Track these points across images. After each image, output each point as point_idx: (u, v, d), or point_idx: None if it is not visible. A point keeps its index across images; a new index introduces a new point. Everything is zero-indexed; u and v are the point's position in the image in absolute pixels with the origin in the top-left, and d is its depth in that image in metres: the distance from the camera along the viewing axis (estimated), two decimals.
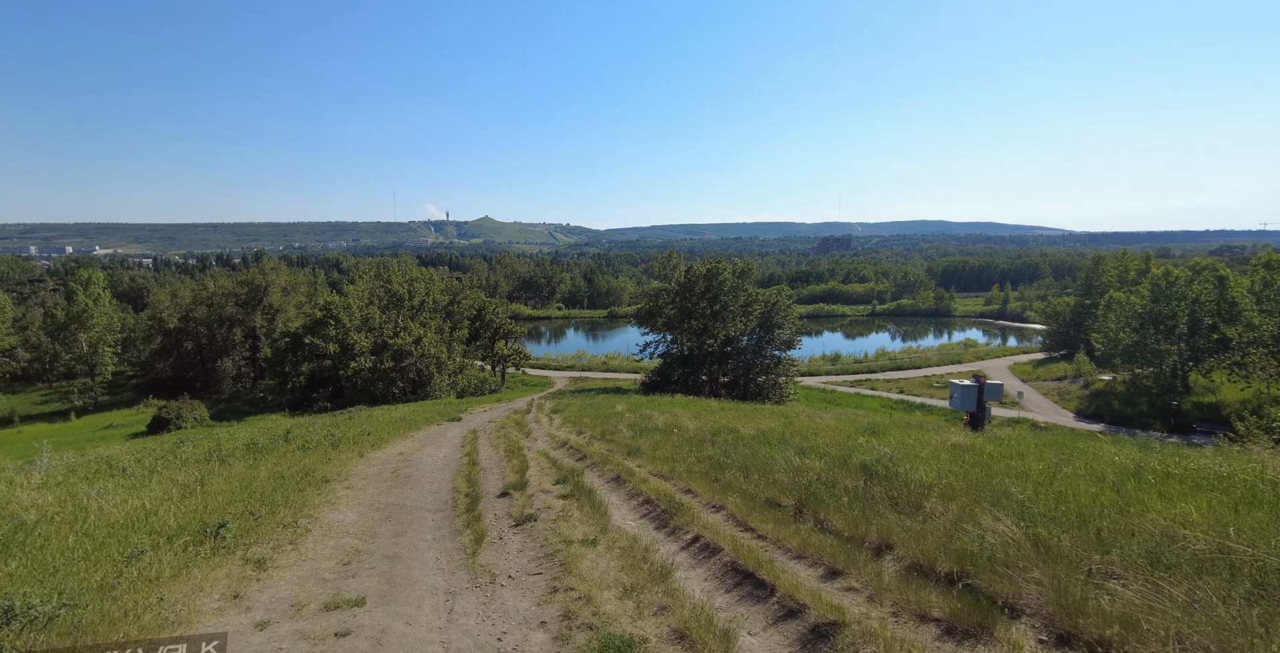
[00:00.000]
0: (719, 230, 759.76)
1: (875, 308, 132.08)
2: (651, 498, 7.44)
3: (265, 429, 15.78)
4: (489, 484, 9.28)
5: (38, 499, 6.91)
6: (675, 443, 11.93)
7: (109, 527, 5.68)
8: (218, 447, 11.67)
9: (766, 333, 44.82)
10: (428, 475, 10.30)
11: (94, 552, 5.06)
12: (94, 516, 6.04)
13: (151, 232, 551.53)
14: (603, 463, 10.40)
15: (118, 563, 4.93)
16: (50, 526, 5.72)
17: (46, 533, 5.40)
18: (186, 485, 7.77)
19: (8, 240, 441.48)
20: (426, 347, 44.95)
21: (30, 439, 47.64)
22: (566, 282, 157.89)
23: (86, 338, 59.93)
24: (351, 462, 11.62)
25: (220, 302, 64.88)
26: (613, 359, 71.70)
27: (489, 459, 11.72)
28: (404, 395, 43.62)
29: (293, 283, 71.05)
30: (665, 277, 50.77)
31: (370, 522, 7.01)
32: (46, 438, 47.10)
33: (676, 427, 14.68)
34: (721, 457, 9.50)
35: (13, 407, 56.54)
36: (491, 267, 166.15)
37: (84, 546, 5.16)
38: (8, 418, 53.77)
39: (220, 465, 10.26)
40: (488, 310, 59.53)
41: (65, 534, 5.39)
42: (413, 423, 21.04)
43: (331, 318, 50.33)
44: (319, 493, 8.46)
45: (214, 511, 6.60)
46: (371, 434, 15.73)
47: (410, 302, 51.67)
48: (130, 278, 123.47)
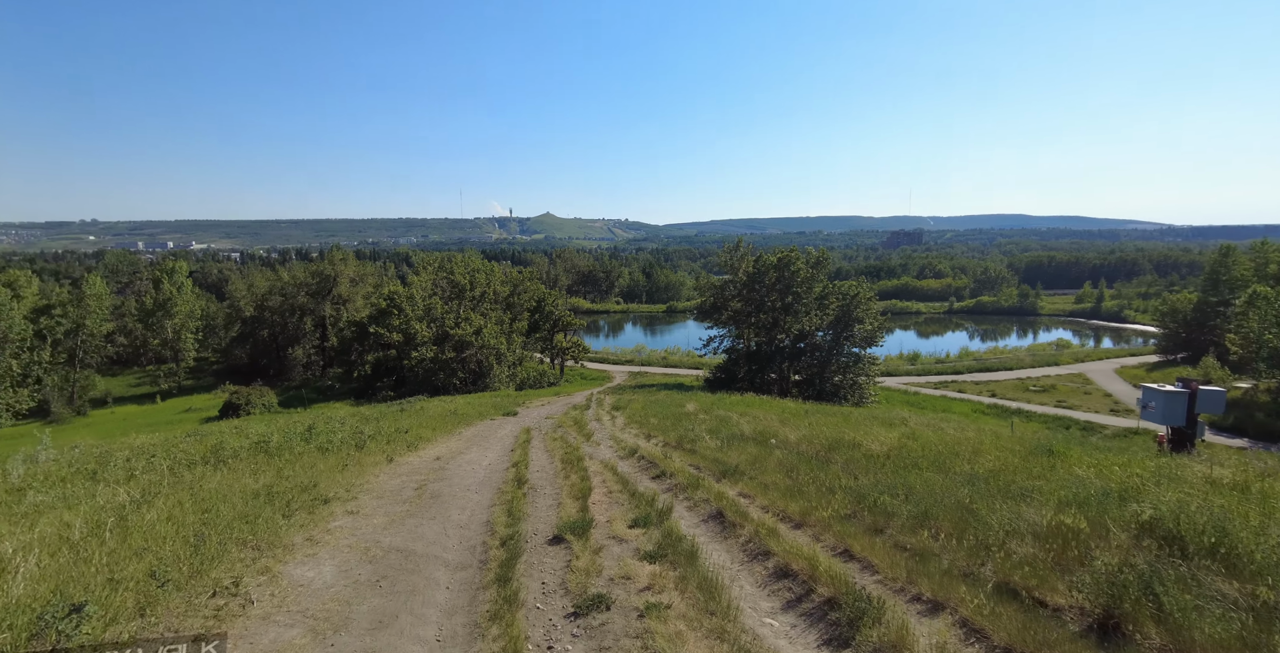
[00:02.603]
0: (780, 225, 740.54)
1: (952, 305, 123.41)
2: (795, 570, 4.68)
3: (287, 424, 13.98)
4: (538, 517, 6.73)
5: None
6: (782, 461, 9.09)
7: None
8: (221, 445, 9.74)
9: (844, 328, 40.88)
10: (460, 495, 7.87)
11: None
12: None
13: (240, 228, 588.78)
14: (691, 488, 7.69)
15: None
16: None
17: None
18: (120, 508, 5.61)
19: (120, 236, 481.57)
20: (487, 338, 43.63)
21: (121, 420, 49.75)
22: (625, 276, 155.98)
23: (171, 324, 62.52)
24: (374, 469, 9.40)
25: (292, 291, 66.23)
26: (672, 354, 68.94)
27: (541, 472, 9.22)
28: (464, 386, 42.45)
29: (360, 274, 71.94)
30: (731, 268, 47.50)
31: (349, 589, 4.59)
32: (134, 419, 49.03)
33: (773, 436, 11.80)
34: (872, 491, 6.61)
35: (109, 389, 59.29)
36: (552, 261, 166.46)
37: None
38: (103, 399, 56.43)
39: (211, 470, 8.22)
40: (547, 302, 58.07)
41: None
42: (464, 417, 19.02)
43: (395, 308, 50.02)
44: (305, 523, 6.16)
45: (119, 560, 4.34)
46: (410, 432, 13.63)
47: (471, 292, 50.74)
48: (218, 270, 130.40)
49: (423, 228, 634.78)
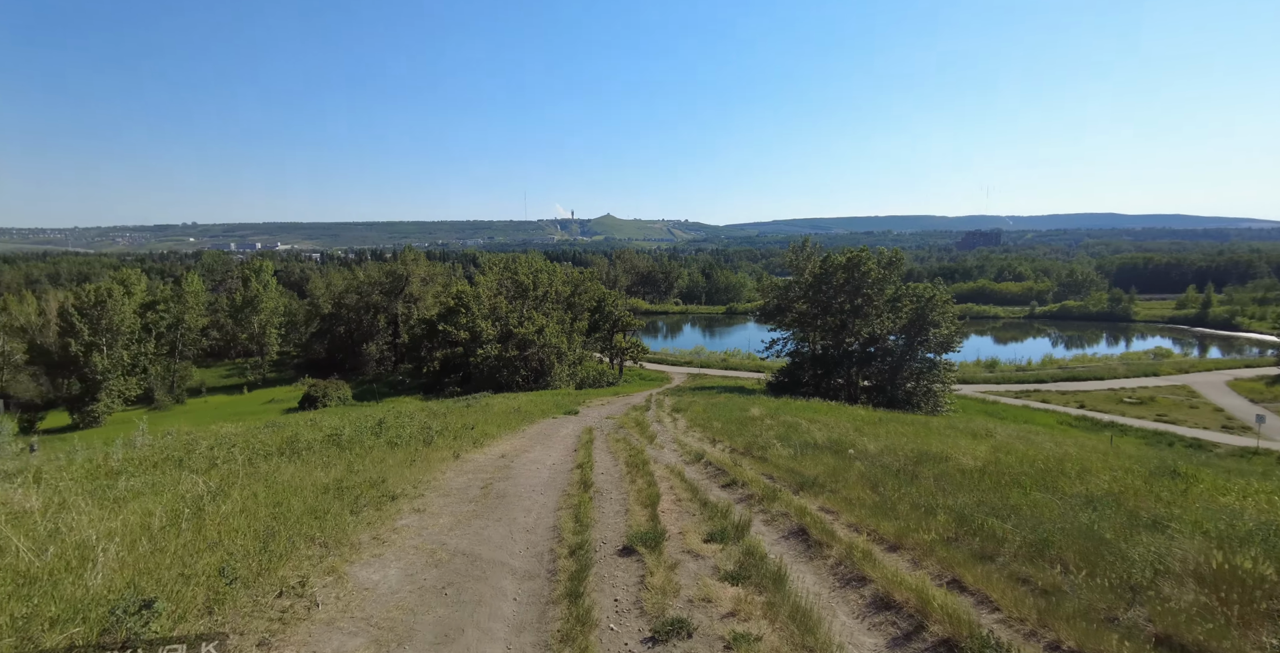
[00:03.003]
0: (846, 224, 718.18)
1: (1034, 310, 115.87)
2: (898, 601, 4.13)
3: (359, 418, 14.32)
4: (606, 524, 6.40)
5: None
6: (864, 473, 8.44)
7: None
8: (296, 437, 9.98)
9: (918, 333, 38.83)
10: (525, 496, 7.66)
11: None
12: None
13: (320, 230, 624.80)
14: (766, 500, 7.18)
15: None
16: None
17: None
18: (198, 498, 5.66)
19: (215, 238, 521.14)
20: (548, 336, 44.18)
21: (213, 408, 53.44)
22: (684, 277, 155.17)
23: (257, 320, 66.75)
24: (441, 466, 9.37)
25: (367, 290, 69.36)
26: (732, 357, 67.80)
27: (606, 476, 8.92)
28: (526, 384, 43.14)
29: (431, 273, 74.61)
30: (796, 268, 46.16)
31: (414, 595, 4.39)
32: (223, 408, 52.57)
33: (851, 446, 11.08)
34: (975, 512, 5.93)
35: (203, 379, 63.86)
36: (611, 262, 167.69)
37: None
38: (198, 389, 60.84)
39: (285, 462, 8.36)
40: (607, 302, 58.33)
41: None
42: (527, 415, 19.10)
43: (462, 306, 51.51)
44: (373, 520, 6.06)
45: (193, 553, 4.30)
46: (477, 428, 13.68)
47: (534, 292, 51.61)
48: (300, 270, 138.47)
49: (489, 230, 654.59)
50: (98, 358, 46.90)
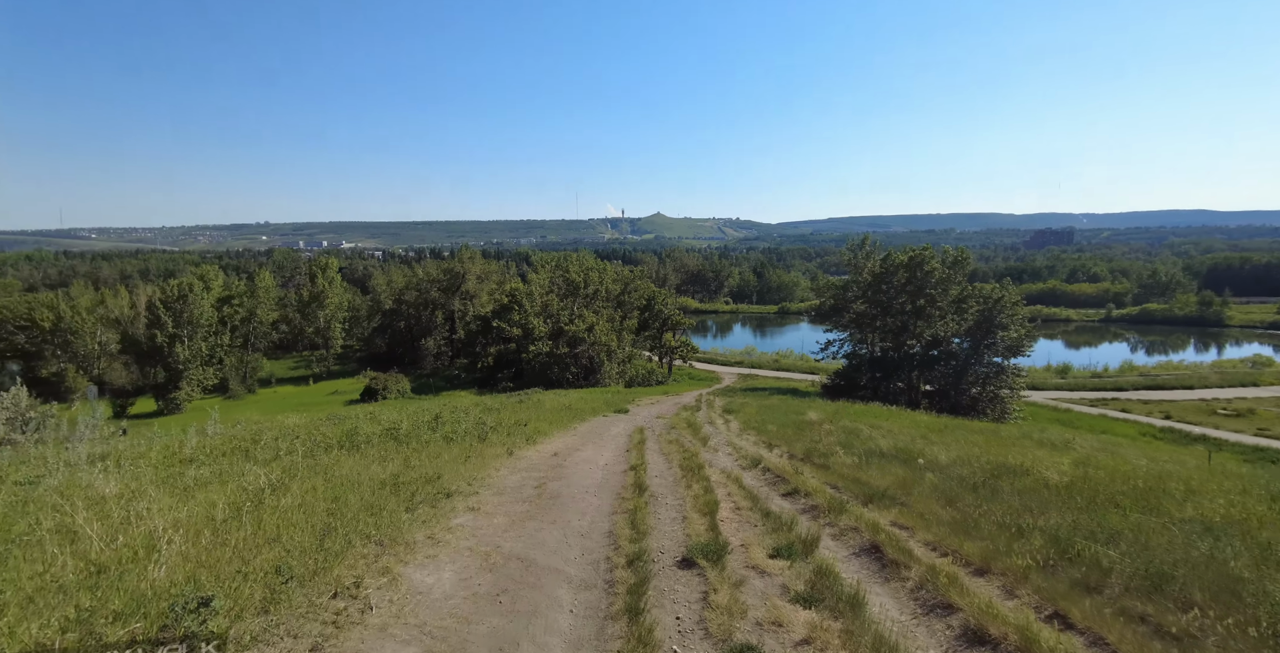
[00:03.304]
0: (906, 222, 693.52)
1: (1110, 313, 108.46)
2: (995, 636, 3.69)
3: (416, 411, 14.59)
4: (663, 531, 6.13)
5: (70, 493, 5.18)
6: (937, 486, 7.88)
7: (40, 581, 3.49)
8: (355, 430, 10.17)
9: (985, 335, 36.88)
10: (579, 498, 7.48)
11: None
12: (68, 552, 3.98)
13: (382, 229, 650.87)
14: (833, 512, 6.75)
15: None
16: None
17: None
18: (259, 490, 5.72)
19: (285, 236, 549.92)
20: (598, 334, 44.37)
21: (281, 399, 56.18)
22: (735, 276, 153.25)
23: (323, 315, 69.92)
24: (495, 462, 9.33)
25: (426, 287, 71.51)
26: (785, 357, 66.34)
27: (661, 479, 8.66)
28: (576, 381, 43.47)
29: (486, 271, 76.31)
30: (855, 267, 44.68)
31: (468, 602, 4.23)
32: (290, 399, 55.22)
33: (919, 455, 10.44)
34: (1070, 535, 5.36)
35: (273, 371, 67.26)
36: (661, 260, 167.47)
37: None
38: (268, 380, 64.13)
39: (345, 455, 8.49)
40: (656, 300, 58.15)
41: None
42: (578, 413, 19.10)
43: (515, 303, 52.37)
44: (428, 518, 6.00)
45: (252, 548, 4.28)
46: (530, 425, 13.70)
47: (585, 290, 51.99)
48: (364, 267, 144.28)
49: (541, 229, 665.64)
50: (180, 348, 50.06)
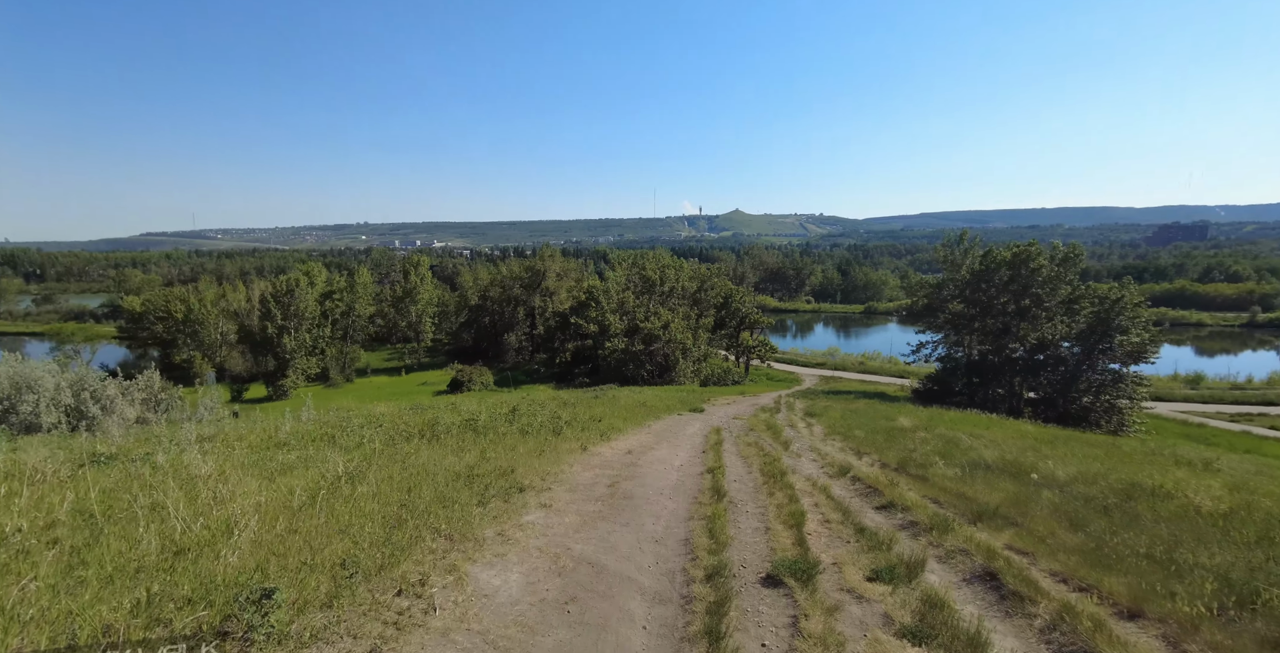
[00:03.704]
0: (1006, 217, 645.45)
1: (1255, 317, 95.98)
2: None
3: (495, 403, 14.74)
4: (745, 543, 5.64)
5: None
6: (1058, 507, 6.91)
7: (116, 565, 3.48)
8: (436, 420, 10.31)
9: (1100, 339, 33.36)
10: (653, 500, 7.11)
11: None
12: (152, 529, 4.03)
13: (470, 229, 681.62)
14: (937, 531, 6.01)
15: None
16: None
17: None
18: (337, 478, 5.74)
19: (382, 236, 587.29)
20: (674, 332, 43.99)
21: (375, 388, 59.71)
22: (817, 274, 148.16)
23: (415, 309, 73.76)
24: (569, 458, 9.14)
25: (509, 284, 73.87)
26: (871, 360, 63.26)
27: (740, 484, 8.15)
28: (651, 378, 43.33)
29: (565, 269, 77.95)
30: (951, 264, 41.78)
31: (535, 609, 3.95)
32: (384, 389, 58.59)
33: (1032, 470, 9.34)
34: (1246, 576, 4.41)
35: (368, 362, 71.69)
36: (739, 258, 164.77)
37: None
38: (364, 370, 68.41)
39: (425, 445, 8.56)
40: (734, 298, 57.04)
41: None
42: (652, 410, 18.80)
43: (593, 300, 53.00)
44: (499, 513, 5.82)
45: (323, 538, 4.20)
46: (604, 421, 13.51)
47: (661, 288, 51.76)
48: (453, 265, 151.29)
49: (619, 227, 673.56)
50: (287, 339, 54.24)
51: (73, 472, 5.54)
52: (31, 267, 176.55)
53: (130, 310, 65.10)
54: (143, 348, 64.01)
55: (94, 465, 6.09)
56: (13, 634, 2.69)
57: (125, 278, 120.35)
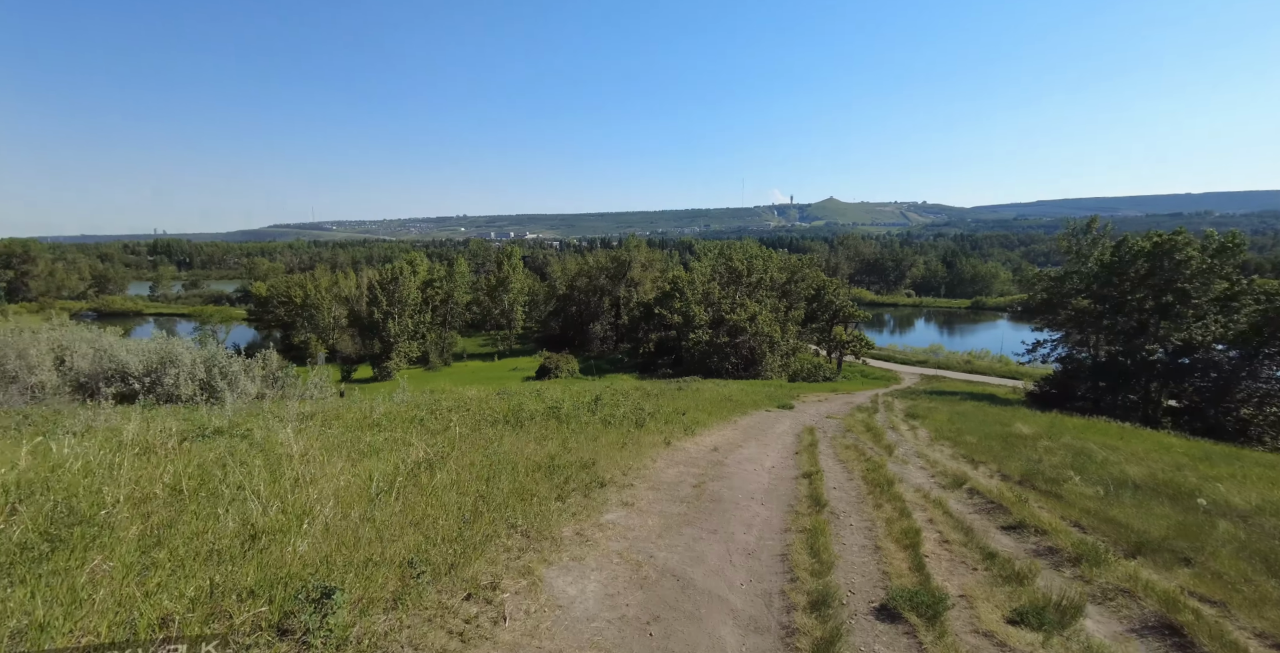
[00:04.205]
0: (1139, 204, 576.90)
1: None
2: None
3: (579, 392, 14.59)
4: (852, 563, 4.95)
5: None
6: (1244, 542, 5.66)
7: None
8: (520, 407, 10.20)
9: (1267, 343, 28.73)
10: (743, 504, 6.52)
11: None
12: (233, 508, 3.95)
13: (560, 220, 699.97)
14: (1087, 564, 5.03)
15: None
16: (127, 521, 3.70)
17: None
18: (417, 464, 5.58)
19: (479, 228, 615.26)
20: (761, 325, 42.62)
21: (470, 372, 62.52)
22: (919, 265, 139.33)
23: (507, 298, 76.53)
24: (652, 452, 8.72)
25: (595, 274, 74.90)
26: (978, 358, 58.57)
27: (841, 492, 7.37)
28: (736, 372, 42.30)
29: (650, 260, 78.02)
30: (1078, 255, 37.64)
31: (612, 627, 3.52)
32: (478, 373, 61.23)
33: (1198, 493, 7.88)
34: None
35: (465, 347, 75.23)
36: (833, 248, 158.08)
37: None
38: (460, 354, 71.83)
39: (508, 431, 8.41)
40: (826, 290, 54.52)
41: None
42: (738, 405, 18.06)
43: (677, 291, 52.53)
44: (578, 511, 5.47)
45: (393, 531, 3.98)
46: (688, 414, 12.99)
47: (748, 278, 50.35)
48: (543, 256, 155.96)
49: (705, 218, 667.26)
50: (391, 324, 57.74)
51: (178, 444, 5.73)
52: (182, 255, 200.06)
53: (257, 295, 71.95)
54: (268, 329, 70.54)
55: (201, 439, 6.32)
56: (74, 620, 2.57)
57: (254, 266, 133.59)
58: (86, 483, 4.15)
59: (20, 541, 3.16)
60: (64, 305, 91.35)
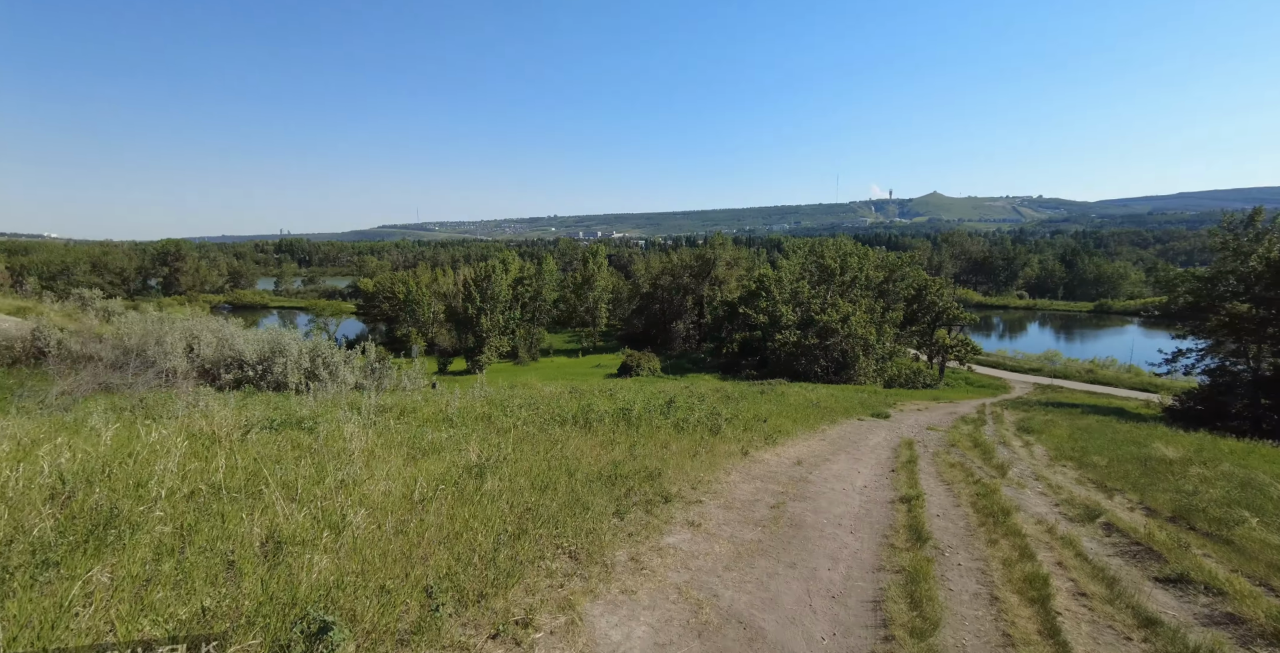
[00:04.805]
0: None
1: None
2: None
3: (654, 393, 14.01)
4: (963, 619, 4.05)
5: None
6: None
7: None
8: (590, 407, 9.76)
9: None
10: (829, 533, 5.68)
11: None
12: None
13: (645, 219, 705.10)
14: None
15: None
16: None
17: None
18: (468, 468, 5.21)
19: (568, 227, 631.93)
20: (854, 326, 40.27)
21: (556, 367, 63.90)
22: (1033, 264, 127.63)
23: (592, 296, 77.67)
24: (726, 462, 8.00)
25: (679, 272, 74.34)
26: (1102, 368, 52.54)
27: (946, 521, 6.34)
28: (825, 375, 40.26)
29: (735, 258, 76.49)
30: (1235, 252, 32.55)
31: None
32: (563, 369, 62.45)
33: None
34: None
35: (551, 343, 77.11)
36: (936, 246, 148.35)
37: None
38: (547, 350, 73.68)
39: (575, 433, 7.99)
40: (929, 291, 50.77)
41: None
42: (827, 412, 16.83)
43: (763, 290, 50.85)
44: (636, 530, 4.89)
45: (421, 549, 3.58)
46: (770, 421, 12.09)
47: (841, 277, 47.86)
48: (628, 254, 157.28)
49: (795, 214, 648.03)
50: (484, 320, 60.02)
51: (242, 436, 5.71)
52: (303, 253, 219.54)
53: (365, 291, 77.20)
54: (374, 322, 75.54)
55: (269, 430, 6.33)
56: (50, 639, 2.31)
57: (364, 263, 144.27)
58: (136, 474, 4.06)
59: (40, 538, 3.01)
60: (205, 298, 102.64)
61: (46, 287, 54.54)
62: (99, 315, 29.29)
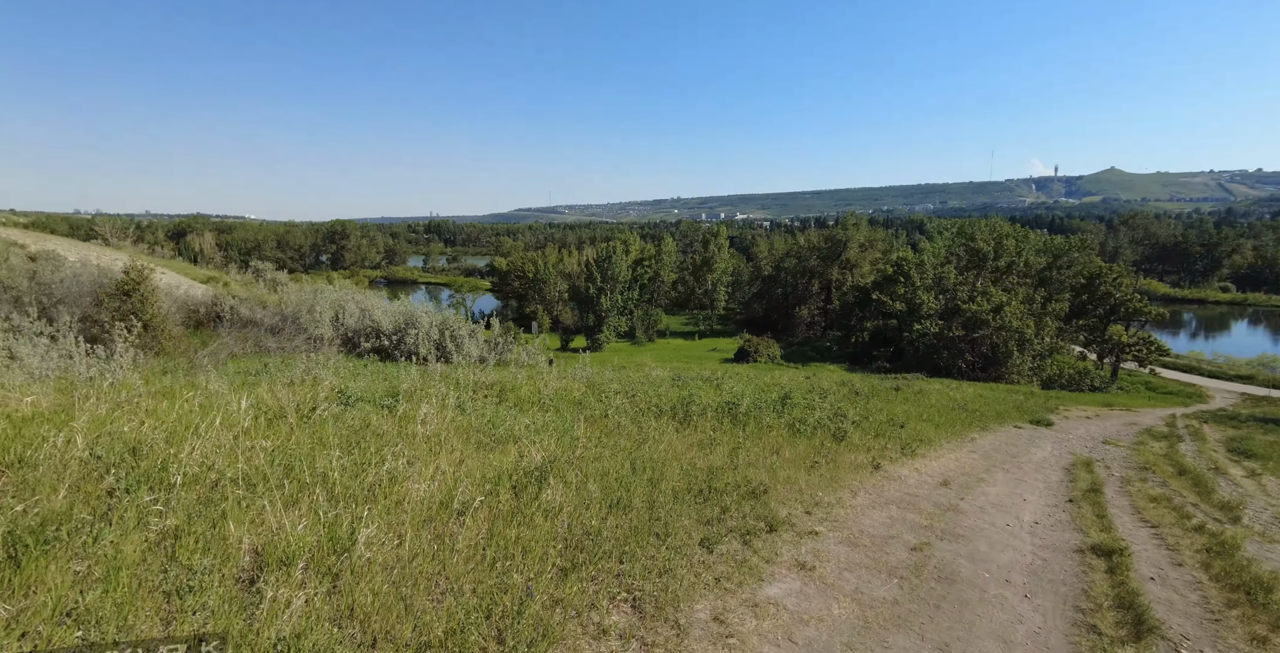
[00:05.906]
0: None
1: None
2: None
3: (765, 386, 12.57)
4: None
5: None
6: None
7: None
8: (691, 398, 8.65)
9: None
10: (993, 595, 4.20)
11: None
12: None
13: (772, 200, 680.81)
14: None
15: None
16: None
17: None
18: (528, 474, 4.36)
19: (691, 209, 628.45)
20: (1008, 317, 35.36)
21: (672, 349, 63.60)
22: (1244, 251, 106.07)
23: (711, 278, 76.07)
24: (852, 478, 6.59)
25: (805, 254, 70.48)
26: None
27: (1169, 590, 4.56)
28: (970, 371, 35.88)
29: (870, 239, 71.01)
30: None
31: None
32: (679, 351, 61.95)
33: None
34: None
35: (668, 324, 76.96)
36: (1112, 228, 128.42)
37: None
38: (664, 331, 73.62)
39: (671, 427, 7.01)
40: (1104, 280, 43.44)
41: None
42: (976, 416, 14.42)
43: (901, 275, 46.43)
44: (728, 570, 3.77)
45: (437, 583, 2.75)
46: (908, 426, 10.28)
47: (994, 262, 42.31)
48: (751, 236, 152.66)
49: (941, 194, 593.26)
50: (604, 299, 60.87)
51: (309, 413, 5.35)
52: (448, 234, 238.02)
53: (499, 269, 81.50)
54: (506, 299, 79.68)
55: (345, 406, 5.98)
56: None
57: (500, 244, 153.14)
58: (167, 454, 3.66)
59: (29, 525, 2.56)
60: (366, 273, 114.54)
61: (244, 260, 63.68)
62: (268, 285, 33.11)
